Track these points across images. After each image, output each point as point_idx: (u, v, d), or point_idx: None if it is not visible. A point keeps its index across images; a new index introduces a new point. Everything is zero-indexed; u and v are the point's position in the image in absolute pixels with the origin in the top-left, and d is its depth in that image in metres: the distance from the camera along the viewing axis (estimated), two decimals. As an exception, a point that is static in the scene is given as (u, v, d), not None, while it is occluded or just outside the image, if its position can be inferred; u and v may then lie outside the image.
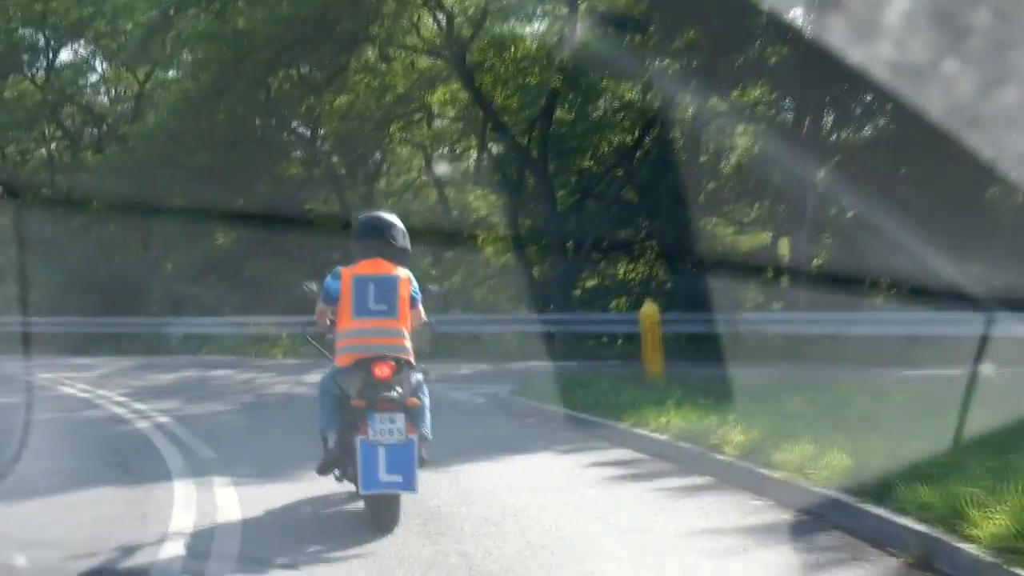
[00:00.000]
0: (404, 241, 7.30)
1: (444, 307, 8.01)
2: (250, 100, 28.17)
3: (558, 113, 26.77)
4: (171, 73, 32.61)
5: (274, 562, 6.16)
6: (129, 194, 27.29)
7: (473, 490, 8.03)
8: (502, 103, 27.07)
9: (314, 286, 7.63)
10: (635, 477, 8.69)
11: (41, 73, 34.56)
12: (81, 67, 35.49)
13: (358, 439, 6.71)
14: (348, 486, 7.21)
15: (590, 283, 28.50)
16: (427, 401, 7.21)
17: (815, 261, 23.56)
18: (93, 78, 36.38)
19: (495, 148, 29.60)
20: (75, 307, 27.75)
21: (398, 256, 7.26)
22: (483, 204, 31.22)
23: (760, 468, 8.03)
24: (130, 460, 9.51)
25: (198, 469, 8.87)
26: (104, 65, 35.93)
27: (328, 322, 7.45)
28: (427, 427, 7.15)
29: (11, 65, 33.41)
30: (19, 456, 9.24)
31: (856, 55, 6.73)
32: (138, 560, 6.17)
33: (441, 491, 7.93)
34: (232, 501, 7.63)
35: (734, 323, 19.58)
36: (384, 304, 7.08)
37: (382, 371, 6.85)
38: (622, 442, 10.12)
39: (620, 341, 22.96)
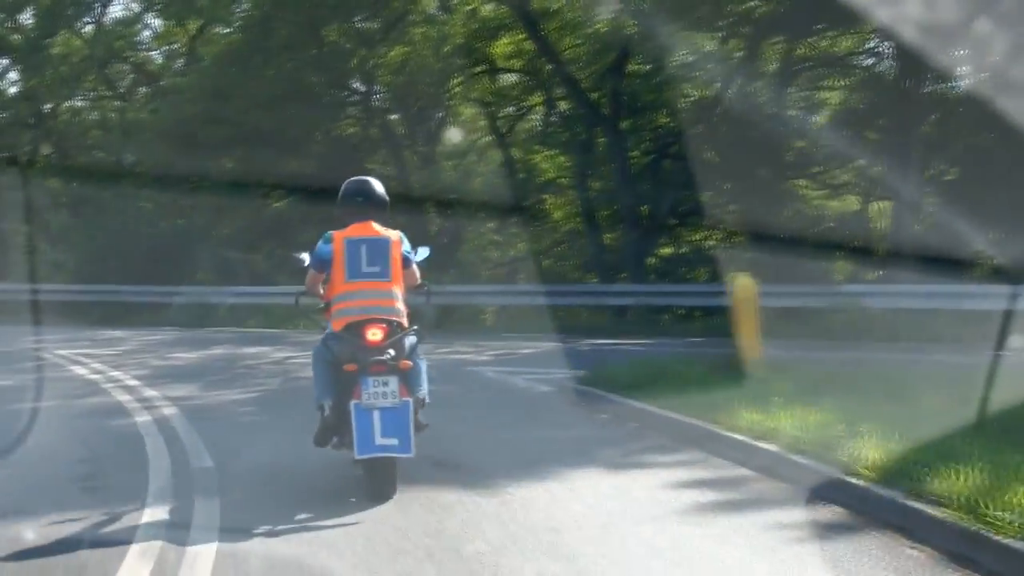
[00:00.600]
0: (386, 206, 7.28)
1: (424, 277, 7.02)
2: (301, 55, 26.36)
3: (631, 65, 24.55)
4: (226, 31, 30.97)
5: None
6: (175, 154, 25.81)
7: (528, 527, 6.07)
8: (570, 54, 24.93)
9: (303, 256, 7.27)
10: (741, 506, 6.67)
11: (89, 28, 33.11)
12: (132, 22, 33.96)
13: (352, 403, 6.63)
14: (348, 454, 6.80)
15: (666, 251, 26.42)
16: (423, 365, 7.07)
17: (916, 227, 21.30)
18: (145, 34, 34.92)
19: (563, 105, 27.52)
20: (116, 275, 26.30)
21: (384, 220, 7.16)
22: (551, 166, 29.16)
23: (911, 501, 5.98)
24: (106, 471, 7.67)
25: (182, 488, 7.02)
26: (155, 21, 34.40)
27: (320, 291, 7.23)
28: (424, 391, 7.03)
29: (59, 19, 31.88)
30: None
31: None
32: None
33: (487, 527, 6.03)
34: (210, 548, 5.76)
35: (835, 296, 17.41)
36: (377, 266, 6.98)
37: (374, 334, 6.75)
38: (717, 451, 8.09)
39: (700, 316, 20.88)
